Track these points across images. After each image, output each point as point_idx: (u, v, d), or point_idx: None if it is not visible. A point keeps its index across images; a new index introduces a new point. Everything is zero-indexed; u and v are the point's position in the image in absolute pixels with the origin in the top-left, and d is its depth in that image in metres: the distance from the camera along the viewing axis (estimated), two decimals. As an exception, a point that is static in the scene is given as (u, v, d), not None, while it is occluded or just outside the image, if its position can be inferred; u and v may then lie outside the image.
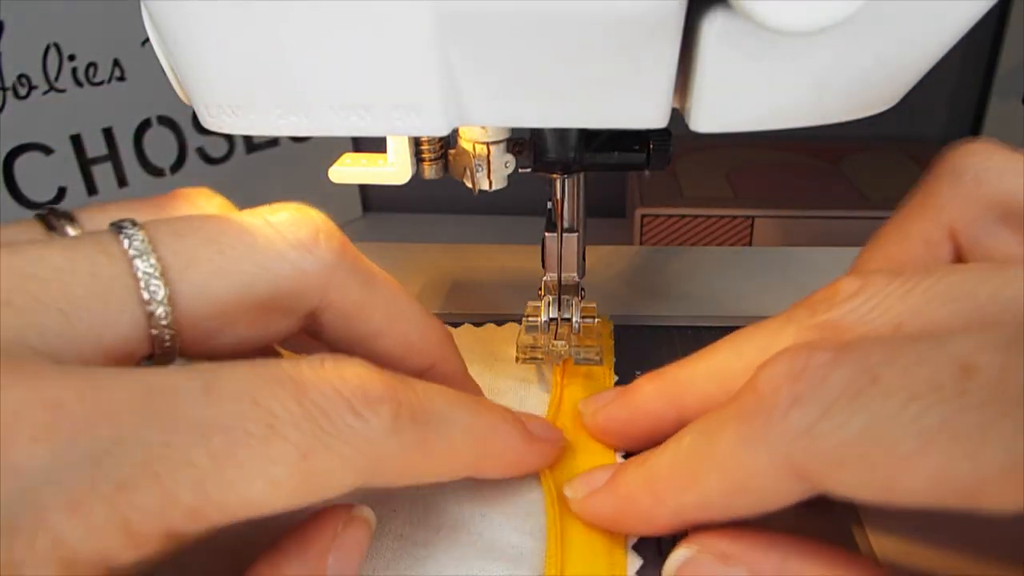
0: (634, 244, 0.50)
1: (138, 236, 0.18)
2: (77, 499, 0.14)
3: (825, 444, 0.16)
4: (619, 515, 0.21)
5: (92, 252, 0.17)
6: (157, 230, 0.18)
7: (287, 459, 0.15)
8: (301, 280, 0.20)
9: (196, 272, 0.18)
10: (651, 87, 0.18)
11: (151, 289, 0.18)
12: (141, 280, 0.17)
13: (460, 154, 0.26)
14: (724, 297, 0.36)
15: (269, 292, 0.19)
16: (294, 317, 0.21)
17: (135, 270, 0.17)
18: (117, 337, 0.17)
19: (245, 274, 0.19)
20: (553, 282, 0.29)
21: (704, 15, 0.17)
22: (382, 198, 0.63)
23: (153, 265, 0.18)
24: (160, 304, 0.18)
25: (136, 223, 0.18)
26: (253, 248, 0.19)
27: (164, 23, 0.19)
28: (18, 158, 0.45)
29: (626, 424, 0.24)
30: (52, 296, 0.16)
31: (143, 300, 0.17)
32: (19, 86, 0.44)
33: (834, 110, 0.20)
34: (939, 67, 0.20)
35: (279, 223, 0.20)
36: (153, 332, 0.18)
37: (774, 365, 0.17)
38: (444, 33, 0.17)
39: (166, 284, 0.18)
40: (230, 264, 0.19)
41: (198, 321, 0.19)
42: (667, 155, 0.26)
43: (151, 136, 0.50)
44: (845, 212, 0.48)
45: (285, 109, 0.19)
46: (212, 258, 0.19)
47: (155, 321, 0.18)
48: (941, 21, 0.19)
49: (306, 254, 0.20)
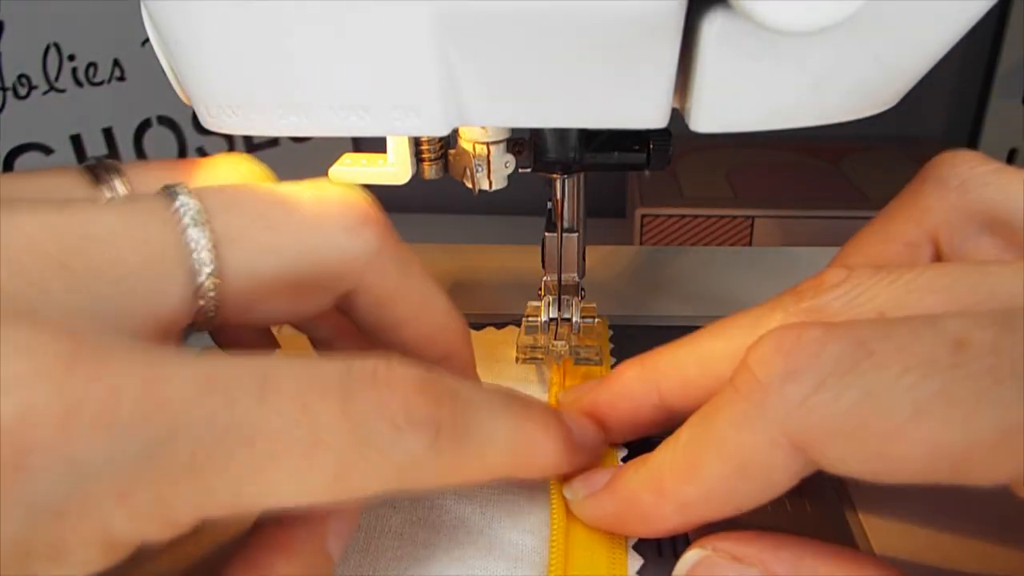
0: (634, 244, 0.50)
1: (193, 205, 0.18)
2: (127, 489, 0.14)
3: (820, 416, 0.16)
4: (621, 515, 0.21)
5: (146, 217, 0.17)
6: (211, 199, 0.18)
7: (325, 470, 0.15)
8: (344, 263, 0.20)
9: (245, 246, 0.18)
10: (651, 87, 0.18)
11: (201, 259, 0.17)
12: (193, 250, 0.17)
13: (460, 154, 0.26)
14: (724, 297, 0.36)
15: (312, 271, 0.19)
16: (331, 296, 0.21)
17: (188, 239, 0.17)
18: (166, 306, 0.17)
19: (292, 252, 0.19)
20: (553, 282, 0.29)
21: (704, 15, 0.17)
22: (382, 198, 0.63)
23: (207, 236, 0.17)
24: (209, 276, 0.17)
25: (188, 190, 0.18)
26: (302, 227, 0.19)
27: (164, 23, 0.19)
28: (18, 158, 0.45)
29: (608, 408, 0.24)
30: (108, 261, 0.16)
31: (192, 270, 0.17)
32: (19, 86, 0.44)
33: (834, 110, 0.20)
34: (939, 67, 0.20)
35: (328, 203, 0.20)
36: (200, 303, 0.18)
37: (765, 343, 0.17)
38: (444, 33, 0.17)
39: (216, 256, 0.18)
40: (279, 241, 0.19)
41: (241, 295, 0.18)
42: (667, 155, 0.26)
43: (151, 136, 0.50)
44: (845, 212, 0.48)
45: (285, 109, 0.19)
46: (262, 233, 0.19)
47: (203, 292, 0.17)
48: (941, 21, 0.19)
49: (353, 237, 0.20)
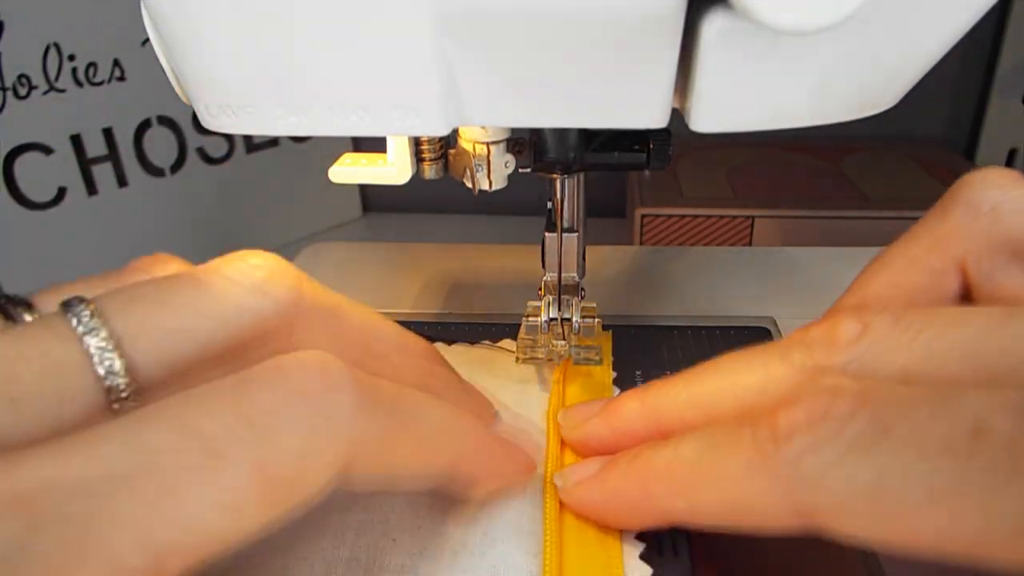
0: (634, 244, 0.50)
1: (85, 312, 0.17)
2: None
3: (834, 491, 0.16)
4: (607, 506, 0.21)
5: (41, 336, 0.17)
6: (106, 303, 0.18)
7: (238, 479, 0.15)
8: (263, 325, 0.20)
9: (151, 338, 0.18)
10: (651, 87, 0.18)
11: (106, 364, 0.17)
12: (94, 356, 0.17)
13: (460, 154, 0.26)
14: (724, 297, 0.36)
15: (232, 342, 0.19)
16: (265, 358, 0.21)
17: (86, 347, 0.17)
18: (76, 416, 0.17)
19: (203, 330, 0.19)
20: (553, 282, 0.29)
21: (704, 15, 0.17)
22: (382, 198, 0.63)
23: (105, 339, 0.17)
24: (118, 376, 0.17)
25: (84, 299, 0.18)
26: (208, 302, 0.19)
27: (164, 23, 0.19)
28: (18, 158, 0.45)
29: (607, 443, 0.23)
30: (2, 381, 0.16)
31: (99, 376, 0.17)
32: (19, 86, 0.44)
33: (834, 110, 0.20)
34: (939, 67, 0.20)
35: (232, 273, 0.20)
36: (115, 407, 0.17)
37: (796, 407, 0.17)
38: (444, 33, 0.17)
39: (121, 356, 0.17)
40: (185, 323, 0.18)
41: (164, 386, 0.18)
42: (667, 155, 0.26)
43: (151, 136, 0.50)
44: (845, 212, 0.48)
45: (285, 109, 0.19)
46: (165, 321, 0.18)
47: (115, 394, 0.17)
48: (941, 21, 0.19)
49: (262, 298, 0.20)
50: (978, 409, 0.15)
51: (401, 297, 0.37)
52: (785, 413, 0.17)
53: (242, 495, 0.15)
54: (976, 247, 0.21)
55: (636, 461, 0.20)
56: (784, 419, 0.17)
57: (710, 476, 0.18)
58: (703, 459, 0.18)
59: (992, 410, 0.15)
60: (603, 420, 0.24)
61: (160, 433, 0.14)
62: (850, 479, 0.15)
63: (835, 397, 0.16)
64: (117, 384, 0.17)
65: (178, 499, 0.14)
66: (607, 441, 0.23)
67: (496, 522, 0.23)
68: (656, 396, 0.22)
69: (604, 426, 0.23)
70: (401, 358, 0.24)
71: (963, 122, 0.60)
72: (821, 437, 0.16)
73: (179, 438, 0.14)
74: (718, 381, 0.21)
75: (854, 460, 0.15)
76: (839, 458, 0.16)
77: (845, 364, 0.18)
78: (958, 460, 0.14)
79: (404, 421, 0.18)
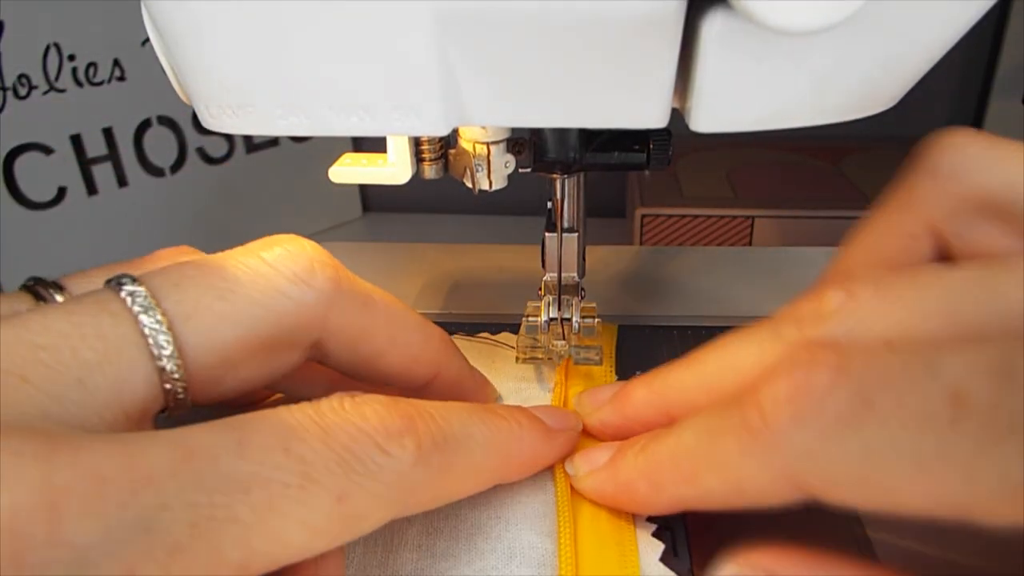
0: (634, 244, 0.50)
1: (140, 291, 0.17)
2: (132, 567, 0.14)
3: (824, 465, 0.16)
4: (618, 497, 0.22)
5: (96, 313, 0.17)
6: (156, 281, 0.18)
7: (324, 504, 0.16)
8: (302, 314, 0.20)
9: (201, 321, 0.18)
10: (651, 87, 0.18)
11: (159, 344, 0.17)
12: (148, 336, 0.17)
13: (460, 154, 0.26)
14: (724, 297, 0.36)
15: (273, 330, 0.19)
16: (299, 350, 0.21)
17: (141, 326, 0.17)
18: (134, 396, 0.17)
19: (249, 317, 0.19)
20: (553, 282, 0.29)
21: (704, 15, 0.17)
22: (382, 198, 0.63)
23: (159, 320, 0.17)
24: (170, 359, 0.17)
25: (134, 278, 0.18)
26: (253, 289, 0.19)
27: (164, 23, 0.19)
28: (18, 158, 0.45)
29: (619, 430, 0.24)
30: (66, 365, 0.16)
31: (153, 356, 0.17)
32: (19, 86, 0.44)
33: (834, 110, 0.20)
34: (939, 67, 0.20)
35: (274, 260, 0.20)
36: (166, 387, 0.18)
37: (776, 382, 0.17)
38: (444, 33, 0.17)
39: (173, 337, 0.17)
40: (233, 309, 0.19)
41: (207, 369, 0.18)
42: (667, 155, 0.26)
43: (151, 136, 0.50)
44: (845, 212, 0.48)
45: (285, 109, 0.19)
46: (214, 305, 0.18)
47: (167, 375, 0.17)
48: (941, 21, 0.19)
49: (305, 288, 0.20)
50: (957, 375, 0.15)
51: (401, 297, 0.36)
52: (767, 389, 0.17)
53: (323, 519, 0.16)
54: (942, 209, 0.22)
55: (642, 452, 0.21)
56: (766, 395, 0.17)
57: (710, 461, 0.18)
58: (703, 445, 0.19)
59: (970, 374, 0.15)
60: (614, 408, 0.24)
61: (269, 449, 0.16)
62: (837, 454, 0.16)
63: (812, 368, 0.16)
64: (169, 367, 0.17)
65: (277, 513, 0.15)
66: (620, 428, 0.24)
67: (507, 503, 0.23)
68: (663, 382, 0.23)
69: (616, 414, 0.24)
70: (423, 353, 0.24)
71: (963, 122, 0.60)
72: (803, 410, 0.16)
73: (283, 458, 0.16)
74: (718, 362, 0.21)
75: (839, 435, 0.16)
76: (823, 433, 0.16)
77: (833, 333, 0.18)
78: (940, 428, 0.14)
79: (456, 457, 0.19)
